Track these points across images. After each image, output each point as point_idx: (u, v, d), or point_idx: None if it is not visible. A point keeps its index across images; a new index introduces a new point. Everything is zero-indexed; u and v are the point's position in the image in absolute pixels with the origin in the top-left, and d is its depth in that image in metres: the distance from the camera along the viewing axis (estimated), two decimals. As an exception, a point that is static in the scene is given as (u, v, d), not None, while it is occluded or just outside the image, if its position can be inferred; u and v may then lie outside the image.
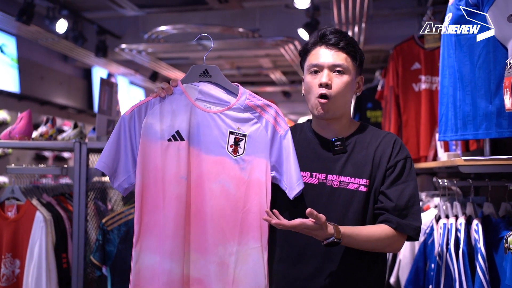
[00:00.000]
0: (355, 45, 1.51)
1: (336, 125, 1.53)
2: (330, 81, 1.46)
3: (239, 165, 1.47)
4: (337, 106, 1.48)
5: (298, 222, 1.31)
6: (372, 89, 4.64)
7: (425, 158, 3.29)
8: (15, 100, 5.85)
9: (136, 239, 1.43)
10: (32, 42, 5.84)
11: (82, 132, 2.58)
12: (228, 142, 1.47)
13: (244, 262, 1.44)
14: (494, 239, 1.72)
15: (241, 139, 1.48)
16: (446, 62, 1.90)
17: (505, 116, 1.66)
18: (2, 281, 2.21)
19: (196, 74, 1.52)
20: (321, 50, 1.49)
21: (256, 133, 1.49)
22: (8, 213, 2.27)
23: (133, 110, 1.45)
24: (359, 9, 4.43)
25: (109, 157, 1.43)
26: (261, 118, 1.50)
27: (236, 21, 5.64)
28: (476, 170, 1.72)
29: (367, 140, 1.53)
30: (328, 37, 1.49)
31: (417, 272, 2.19)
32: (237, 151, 1.47)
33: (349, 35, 1.54)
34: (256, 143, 1.48)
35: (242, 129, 1.48)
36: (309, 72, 1.51)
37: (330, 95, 1.46)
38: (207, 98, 1.50)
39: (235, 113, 1.49)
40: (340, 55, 1.48)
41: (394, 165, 1.49)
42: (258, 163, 1.47)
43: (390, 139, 1.53)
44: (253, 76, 8.97)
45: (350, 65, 1.49)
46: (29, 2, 4.58)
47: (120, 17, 5.92)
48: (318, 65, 1.49)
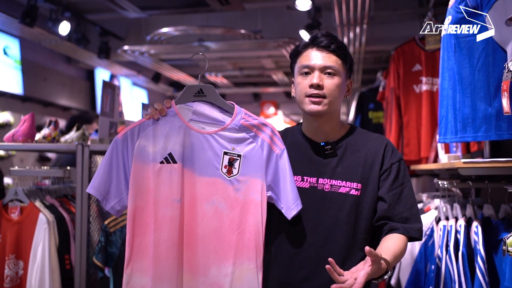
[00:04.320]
0: (345, 49, 1.53)
1: (326, 128, 1.54)
2: (321, 82, 1.47)
3: (233, 186, 1.46)
4: (329, 105, 1.49)
5: (363, 276, 1.22)
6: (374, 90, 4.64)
7: (426, 160, 3.29)
8: (18, 101, 5.88)
9: (127, 261, 1.42)
10: (35, 44, 5.88)
11: (85, 134, 2.60)
12: (222, 163, 1.46)
13: (239, 283, 1.42)
14: (493, 241, 1.72)
15: (236, 159, 1.46)
16: (445, 64, 1.91)
17: (504, 119, 1.67)
18: (6, 282, 2.23)
19: (191, 94, 1.50)
20: (312, 52, 1.51)
21: (252, 153, 1.47)
22: (12, 214, 2.29)
23: (126, 133, 1.44)
24: (360, 10, 4.43)
25: (101, 181, 1.43)
26: (256, 137, 1.48)
27: (238, 23, 5.66)
28: (476, 173, 1.72)
29: (357, 143, 1.54)
30: (319, 40, 1.51)
31: (418, 274, 2.20)
32: (231, 172, 1.46)
33: (339, 39, 1.56)
34: (251, 163, 1.46)
35: (237, 149, 1.47)
36: (299, 74, 1.52)
37: (322, 95, 1.48)
38: (201, 118, 1.48)
39: (229, 133, 1.47)
40: (331, 57, 1.49)
41: (389, 168, 1.49)
42: (253, 183, 1.46)
43: (381, 142, 1.54)
44: (255, 77, 8.98)
45: (341, 68, 1.51)
46: (32, 5, 4.61)
47: (123, 19, 5.94)
48: (309, 66, 1.49)
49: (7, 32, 5.55)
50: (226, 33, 5.70)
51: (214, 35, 5.88)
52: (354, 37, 5.20)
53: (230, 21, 5.68)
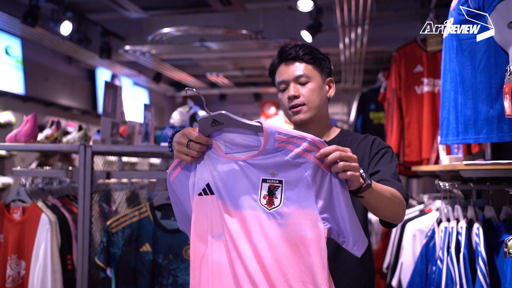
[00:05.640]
0: (313, 52, 1.60)
1: (316, 130, 1.61)
2: (297, 92, 1.58)
3: (276, 220, 1.21)
4: (310, 110, 1.58)
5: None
6: (375, 90, 4.64)
7: (427, 161, 3.30)
8: (20, 101, 5.88)
9: None
10: (37, 43, 5.88)
11: (87, 134, 2.60)
12: (261, 193, 1.23)
13: None
14: (495, 242, 1.73)
15: (277, 186, 1.22)
16: (447, 66, 1.91)
17: (506, 121, 1.67)
18: (8, 282, 2.23)
19: (208, 126, 1.25)
20: (283, 67, 1.61)
21: (295, 177, 1.20)
22: (14, 215, 2.30)
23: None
24: (362, 11, 4.43)
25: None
26: (300, 157, 1.20)
27: (239, 23, 5.66)
28: (477, 175, 1.73)
29: (348, 141, 1.62)
30: (286, 53, 1.60)
31: (419, 275, 2.20)
32: (272, 203, 1.22)
33: (307, 45, 1.62)
34: (295, 190, 1.20)
35: (278, 174, 1.22)
36: (279, 90, 1.64)
37: (300, 103, 1.57)
38: (235, 149, 1.25)
39: (266, 157, 1.22)
40: (299, 66, 1.59)
41: (376, 153, 1.56)
42: (301, 215, 1.20)
43: (370, 138, 1.62)
44: (256, 77, 8.98)
45: (313, 72, 1.59)
46: (34, 5, 4.62)
47: (124, 19, 5.95)
48: (283, 81, 1.60)
49: (9, 32, 5.56)
50: (227, 34, 5.70)
51: (215, 35, 5.89)
52: (355, 37, 5.20)
53: (231, 22, 5.69)
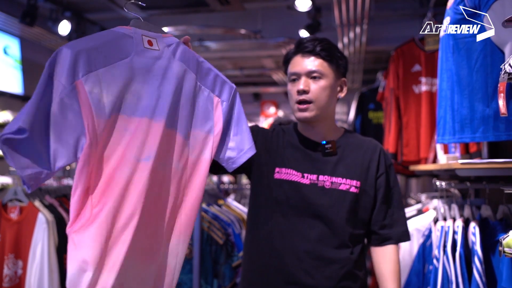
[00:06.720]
0: (331, 50, 1.57)
1: (321, 128, 1.59)
2: (308, 87, 1.53)
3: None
4: (317, 109, 1.54)
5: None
6: (374, 90, 4.64)
7: (426, 160, 3.30)
8: (18, 101, 5.88)
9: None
10: (36, 43, 5.88)
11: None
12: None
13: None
14: (491, 241, 1.73)
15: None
16: (444, 65, 1.91)
17: (502, 120, 1.67)
18: (5, 281, 2.23)
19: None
20: (298, 58, 1.56)
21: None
22: (11, 214, 2.30)
23: None
24: (361, 10, 4.43)
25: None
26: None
27: (238, 23, 5.66)
28: (473, 174, 1.73)
29: (354, 144, 1.60)
30: (304, 45, 1.56)
31: (416, 274, 2.20)
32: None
33: (327, 40, 1.59)
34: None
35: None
36: (289, 80, 1.59)
37: (308, 100, 1.53)
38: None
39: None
40: (315, 61, 1.54)
41: (385, 172, 1.57)
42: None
43: (376, 145, 1.62)
44: (255, 76, 8.98)
45: (327, 70, 1.55)
46: (32, 4, 4.61)
47: (123, 18, 5.94)
48: (295, 73, 1.56)
49: (7, 32, 5.56)
50: (226, 33, 5.70)
51: (214, 35, 5.88)
52: (354, 37, 5.20)
53: (230, 21, 5.69)
